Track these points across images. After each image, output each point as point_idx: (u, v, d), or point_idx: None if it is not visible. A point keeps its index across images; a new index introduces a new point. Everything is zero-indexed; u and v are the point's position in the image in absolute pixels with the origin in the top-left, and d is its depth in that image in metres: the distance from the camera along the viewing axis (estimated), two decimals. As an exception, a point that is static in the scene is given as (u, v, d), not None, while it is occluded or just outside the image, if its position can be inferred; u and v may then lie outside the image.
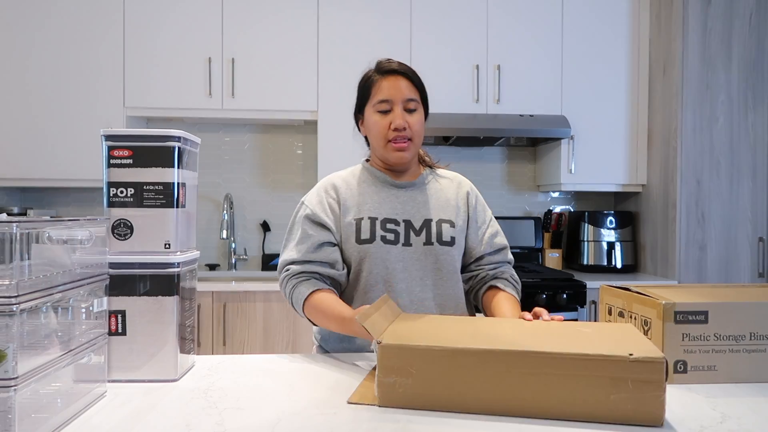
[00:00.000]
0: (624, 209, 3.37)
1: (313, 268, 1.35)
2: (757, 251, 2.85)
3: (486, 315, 1.42)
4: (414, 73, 1.41)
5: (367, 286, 1.37)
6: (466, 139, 3.10)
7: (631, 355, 0.88)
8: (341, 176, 1.48)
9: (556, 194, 3.48)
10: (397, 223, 1.38)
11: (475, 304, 1.49)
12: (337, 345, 1.42)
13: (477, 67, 3.03)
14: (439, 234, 1.39)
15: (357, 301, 1.38)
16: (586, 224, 3.17)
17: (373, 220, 1.38)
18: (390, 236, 1.37)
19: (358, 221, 1.38)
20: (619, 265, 3.13)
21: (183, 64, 2.93)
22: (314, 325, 1.38)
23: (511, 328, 1.10)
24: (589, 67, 3.08)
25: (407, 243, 1.37)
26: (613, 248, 3.15)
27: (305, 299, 1.32)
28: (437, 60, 3.01)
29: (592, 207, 3.49)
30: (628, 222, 3.20)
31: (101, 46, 2.90)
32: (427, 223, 1.40)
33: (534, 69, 3.06)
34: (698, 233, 2.84)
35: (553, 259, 3.28)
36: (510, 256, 1.51)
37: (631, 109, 3.11)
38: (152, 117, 3.08)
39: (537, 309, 1.25)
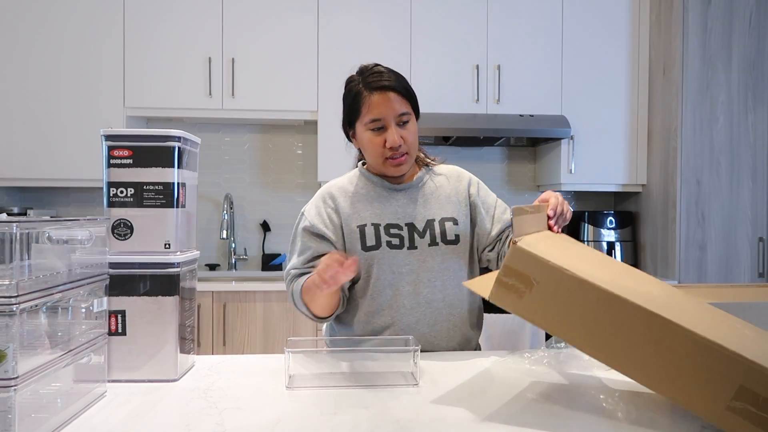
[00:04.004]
0: (624, 209, 3.37)
1: (311, 272, 1.35)
2: (757, 251, 2.85)
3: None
4: (401, 82, 1.37)
5: (374, 291, 1.37)
6: (466, 139, 3.10)
7: None
8: (338, 184, 1.46)
9: (556, 194, 3.48)
10: (400, 227, 1.38)
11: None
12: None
13: (477, 67, 3.03)
14: (443, 233, 1.39)
15: (364, 307, 1.38)
16: (586, 224, 3.17)
17: (376, 226, 1.37)
18: (395, 241, 1.36)
19: (362, 228, 1.37)
20: (619, 265, 3.13)
21: (183, 64, 2.93)
22: (316, 319, 1.36)
23: (661, 289, 0.99)
24: (589, 67, 3.08)
25: (412, 246, 1.37)
26: (613, 248, 3.15)
27: (301, 286, 1.32)
28: (437, 60, 3.01)
29: (592, 207, 3.49)
30: (628, 222, 3.20)
31: (101, 46, 2.90)
32: (429, 223, 1.39)
33: (534, 69, 3.06)
34: (698, 233, 2.84)
35: (553, 259, 3.28)
36: None
37: (631, 109, 3.11)
38: (152, 117, 3.08)
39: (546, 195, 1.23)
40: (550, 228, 1.18)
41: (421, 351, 1.35)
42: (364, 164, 1.50)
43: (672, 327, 0.82)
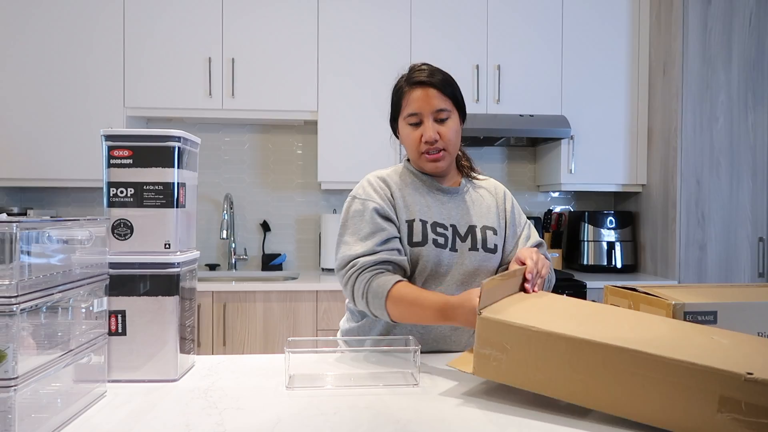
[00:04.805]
0: (624, 209, 3.37)
1: (385, 257, 1.30)
2: (757, 251, 2.85)
3: None
4: (444, 81, 1.37)
5: None
6: (466, 139, 3.06)
7: (749, 374, 0.78)
8: (387, 174, 1.44)
9: (556, 194, 3.48)
10: (445, 227, 1.38)
11: None
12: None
13: (477, 67, 3.03)
14: (485, 240, 1.39)
15: None
16: (586, 224, 3.17)
17: (424, 222, 1.37)
18: (440, 240, 1.36)
19: (410, 223, 1.36)
20: (619, 265, 3.13)
21: (183, 64, 2.93)
22: (390, 321, 1.28)
23: (628, 320, 1.02)
24: (589, 68, 3.08)
25: (453, 248, 1.37)
26: (613, 248, 3.15)
27: (389, 290, 1.24)
28: (437, 60, 2.97)
29: (592, 207, 3.49)
30: (628, 222, 3.20)
31: (101, 46, 2.90)
32: (471, 229, 1.40)
33: (534, 69, 3.06)
34: (698, 233, 2.84)
35: (553, 259, 3.25)
36: (547, 253, 1.52)
37: (631, 109, 3.11)
38: (152, 117, 3.08)
39: (522, 254, 1.25)
40: (526, 290, 1.19)
41: (438, 351, 1.36)
42: (408, 160, 1.49)
43: (640, 356, 0.85)
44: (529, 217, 3.27)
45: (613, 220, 3.18)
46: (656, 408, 0.84)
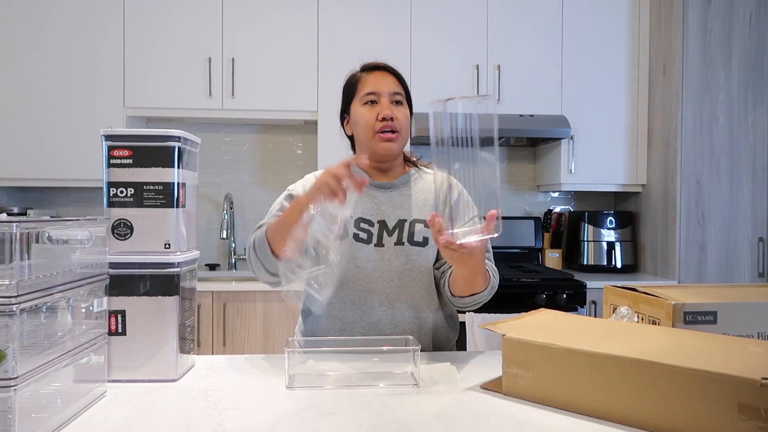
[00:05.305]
0: (624, 209, 3.37)
1: None
2: (757, 251, 2.85)
3: (451, 292, 1.35)
4: (398, 72, 1.45)
5: (340, 283, 1.32)
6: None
7: (765, 379, 0.77)
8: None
9: (556, 194, 3.48)
10: (371, 223, 1.38)
11: (447, 295, 1.40)
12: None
13: (477, 67, 3.03)
14: (411, 234, 1.38)
15: (332, 300, 1.33)
16: (586, 224, 3.17)
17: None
18: (362, 235, 1.36)
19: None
20: (619, 265, 3.13)
21: (183, 64, 2.93)
22: (274, 257, 1.25)
23: (661, 336, 1.02)
24: (589, 67, 3.08)
25: (380, 243, 1.37)
26: (613, 248, 3.15)
27: (266, 229, 1.27)
28: (437, 60, 3.01)
29: (592, 207, 3.49)
30: (628, 222, 3.20)
31: (101, 46, 2.90)
32: (401, 223, 1.39)
33: (534, 69, 3.06)
34: (698, 233, 2.84)
35: (553, 259, 3.28)
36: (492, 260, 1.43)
37: (631, 109, 3.11)
38: (152, 117, 3.08)
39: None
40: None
41: (437, 351, 1.35)
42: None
43: (656, 367, 0.86)
44: (529, 217, 3.30)
45: (613, 220, 3.18)
46: (679, 419, 0.84)
